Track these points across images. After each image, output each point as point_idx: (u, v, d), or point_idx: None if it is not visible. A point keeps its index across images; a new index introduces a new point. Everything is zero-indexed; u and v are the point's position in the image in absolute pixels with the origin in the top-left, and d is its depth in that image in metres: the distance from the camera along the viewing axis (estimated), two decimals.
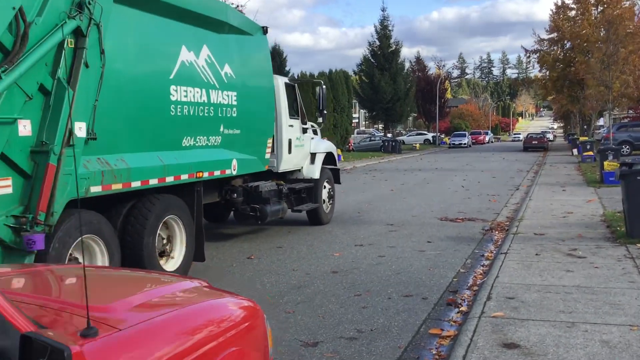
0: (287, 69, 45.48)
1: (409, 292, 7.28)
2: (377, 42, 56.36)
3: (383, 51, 55.92)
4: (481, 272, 8.32)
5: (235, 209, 10.13)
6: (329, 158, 12.80)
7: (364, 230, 11.79)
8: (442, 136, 73.38)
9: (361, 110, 74.76)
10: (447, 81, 75.11)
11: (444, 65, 78.38)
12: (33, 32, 5.42)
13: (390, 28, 56.94)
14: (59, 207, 5.63)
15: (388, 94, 54.14)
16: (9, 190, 5.34)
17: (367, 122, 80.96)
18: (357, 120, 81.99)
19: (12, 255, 5.34)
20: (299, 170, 11.82)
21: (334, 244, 10.35)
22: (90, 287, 2.20)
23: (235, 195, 9.88)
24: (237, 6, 25.13)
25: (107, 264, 6.35)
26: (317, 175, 11.92)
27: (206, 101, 8.10)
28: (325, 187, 12.33)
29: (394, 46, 56.75)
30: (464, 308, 6.64)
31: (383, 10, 75.08)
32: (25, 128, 5.48)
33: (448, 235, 11.21)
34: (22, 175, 5.45)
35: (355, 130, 71.07)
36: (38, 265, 4.10)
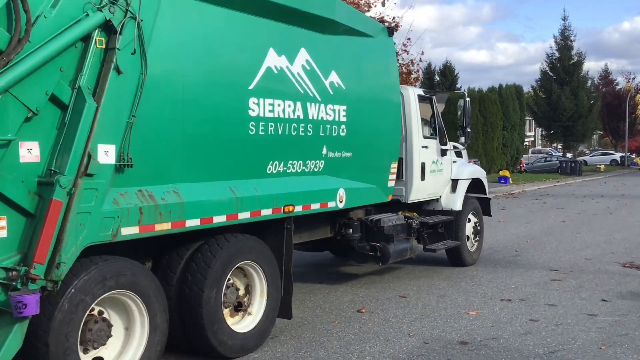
0: (458, 85, 43.24)
1: None
2: (557, 54, 51.53)
3: (563, 64, 50.96)
4: None
5: (352, 247, 8.39)
6: (477, 185, 10.59)
7: (518, 276, 9.41)
8: (633, 156, 65.44)
9: (537, 129, 69.16)
10: (638, 95, 67.07)
11: (633, 79, 70.31)
12: (42, 27, 4.17)
13: (572, 38, 51.84)
14: (70, 257, 4.30)
15: (568, 110, 49.04)
16: (2, 233, 4.11)
17: (543, 141, 74.87)
18: (532, 139, 76.48)
19: (1, 319, 4.09)
20: (436, 200, 9.79)
21: (472, 296, 8.17)
22: None
23: (351, 230, 8.16)
24: (394, 18, 23.41)
25: (146, 325, 4.94)
26: (458, 207, 9.79)
27: (302, 117, 6.50)
28: (469, 220, 10.14)
29: (576, 58, 51.53)
30: None
31: (564, 19, 68.57)
32: (30, 152, 4.23)
33: (632, 290, 8.49)
34: (23, 213, 4.20)
35: (530, 150, 66.13)
36: None
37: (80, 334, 4.52)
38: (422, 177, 9.12)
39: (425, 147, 9.22)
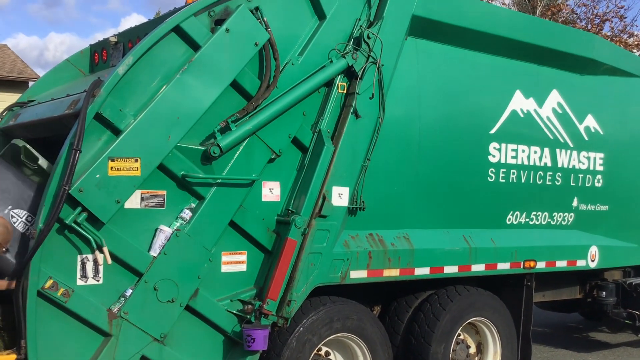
0: None
1: None
2: None
3: None
4: None
5: (605, 312, 7.38)
6: None
7: None
8: None
9: None
10: None
11: None
12: (289, 73, 4.40)
13: None
14: (301, 295, 4.39)
15: None
16: (242, 267, 4.35)
17: None
18: None
19: (236, 351, 4.30)
20: None
21: None
22: None
23: (604, 293, 7.19)
24: None
25: None
26: None
27: (549, 165, 5.94)
28: None
29: None
30: None
31: None
32: (271, 192, 4.46)
33: None
34: (261, 249, 4.41)
35: None
36: None
37: None
38: None
39: None
